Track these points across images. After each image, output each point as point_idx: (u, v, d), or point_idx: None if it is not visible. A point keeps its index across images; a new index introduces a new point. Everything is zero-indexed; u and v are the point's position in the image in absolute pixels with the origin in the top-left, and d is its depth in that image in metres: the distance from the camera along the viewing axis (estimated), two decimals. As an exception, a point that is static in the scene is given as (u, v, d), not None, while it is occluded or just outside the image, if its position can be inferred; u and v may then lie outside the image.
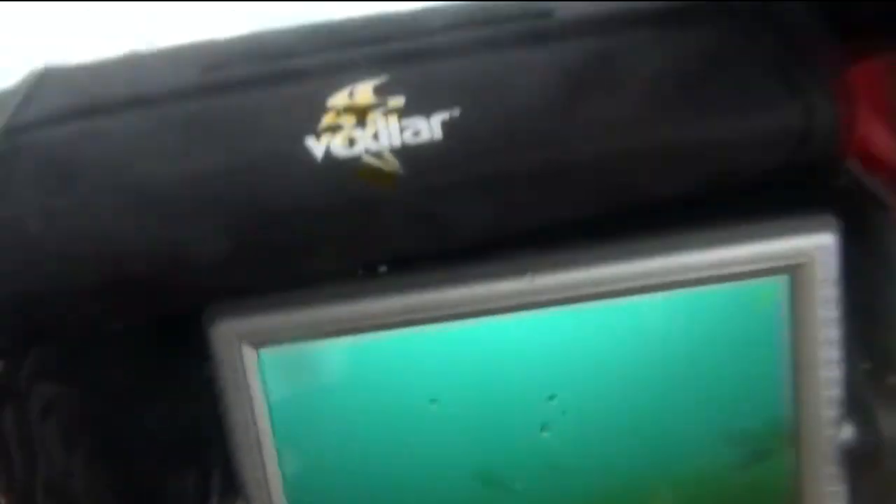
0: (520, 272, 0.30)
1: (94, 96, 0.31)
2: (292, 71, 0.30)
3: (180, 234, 0.27)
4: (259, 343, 0.31)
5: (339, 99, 0.28)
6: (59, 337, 0.31)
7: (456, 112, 0.27)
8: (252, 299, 0.31)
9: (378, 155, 0.27)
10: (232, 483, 0.32)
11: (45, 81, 0.33)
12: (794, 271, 0.30)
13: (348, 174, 0.27)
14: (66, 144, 0.29)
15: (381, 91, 0.28)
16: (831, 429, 0.31)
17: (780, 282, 0.30)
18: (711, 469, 0.32)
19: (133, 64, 0.33)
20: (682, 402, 0.31)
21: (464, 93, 0.28)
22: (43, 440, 0.32)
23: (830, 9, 0.30)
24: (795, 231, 0.30)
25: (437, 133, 0.27)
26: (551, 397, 0.31)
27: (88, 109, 0.30)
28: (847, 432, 0.31)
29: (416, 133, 0.27)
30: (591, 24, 0.31)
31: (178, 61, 0.32)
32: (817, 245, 0.30)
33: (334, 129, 0.28)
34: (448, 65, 0.29)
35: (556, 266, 0.30)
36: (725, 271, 0.30)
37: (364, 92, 0.28)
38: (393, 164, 0.27)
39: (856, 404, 0.31)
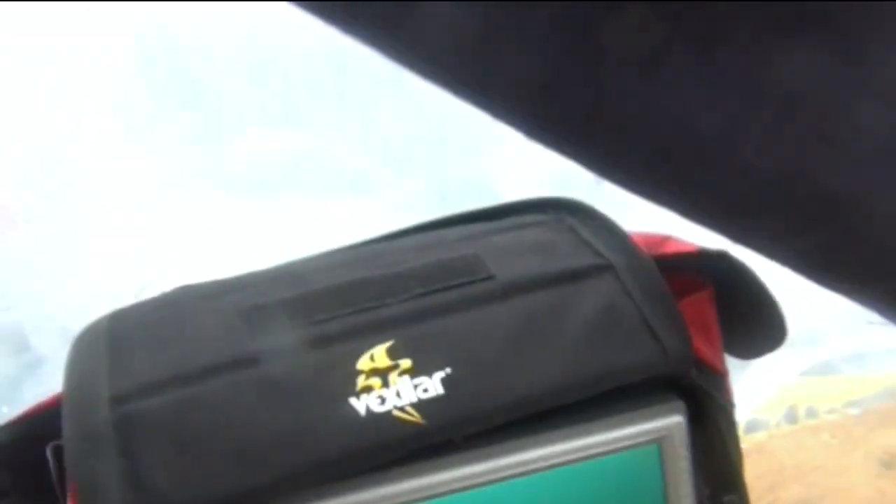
0: (453, 464, 0.41)
1: (174, 367, 0.41)
2: (324, 337, 0.42)
3: (266, 480, 0.39)
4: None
5: (364, 363, 0.41)
6: None
7: (448, 370, 0.41)
8: None
9: (403, 409, 0.40)
10: None
11: (118, 341, 0.43)
12: (661, 441, 0.46)
13: (385, 425, 0.40)
14: (168, 414, 0.39)
15: (392, 354, 0.42)
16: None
17: (654, 448, 0.46)
18: None
19: (184, 320, 0.44)
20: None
21: (450, 353, 0.42)
22: None
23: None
24: (660, 415, 0.46)
25: (440, 388, 0.41)
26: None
27: (180, 379, 0.41)
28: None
29: (426, 390, 0.41)
30: (523, 284, 0.45)
31: (223, 318, 0.44)
32: (675, 422, 0.46)
33: (368, 389, 0.40)
34: (434, 327, 0.43)
35: (482, 457, 0.42)
36: (618, 445, 0.45)
37: (381, 355, 0.41)
38: (416, 416, 0.40)
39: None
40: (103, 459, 0.38)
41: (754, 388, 0.80)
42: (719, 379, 0.47)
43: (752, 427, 0.81)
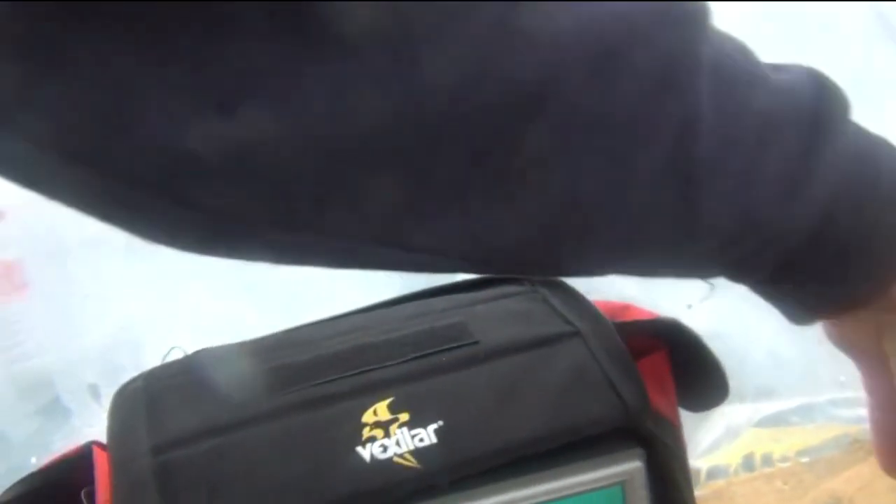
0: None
1: (207, 421, 0.48)
2: (333, 394, 0.49)
3: None
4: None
5: (368, 416, 0.48)
6: None
7: (441, 422, 0.48)
8: None
9: (402, 456, 0.47)
10: None
11: (154, 399, 0.50)
12: (623, 484, 0.53)
13: (388, 470, 0.46)
14: (201, 462, 0.46)
15: (392, 409, 0.49)
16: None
17: (618, 489, 0.53)
18: None
19: (213, 379, 0.51)
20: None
21: (442, 408, 0.49)
22: None
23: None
24: (622, 461, 0.53)
25: (434, 437, 0.48)
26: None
27: (210, 432, 0.47)
28: None
29: (422, 440, 0.47)
30: (502, 349, 0.53)
31: (247, 379, 0.51)
32: (635, 467, 0.53)
33: (372, 440, 0.47)
34: (427, 385, 0.50)
35: (468, 498, 0.49)
36: (585, 487, 0.52)
37: (383, 410, 0.48)
38: (413, 461, 0.47)
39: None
40: (146, 501, 0.44)
41: (714, 438, 0.88)
42: (674, 430, 0.55)
43: (713, 474, 0.88)
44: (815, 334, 0.47)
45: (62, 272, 0.99)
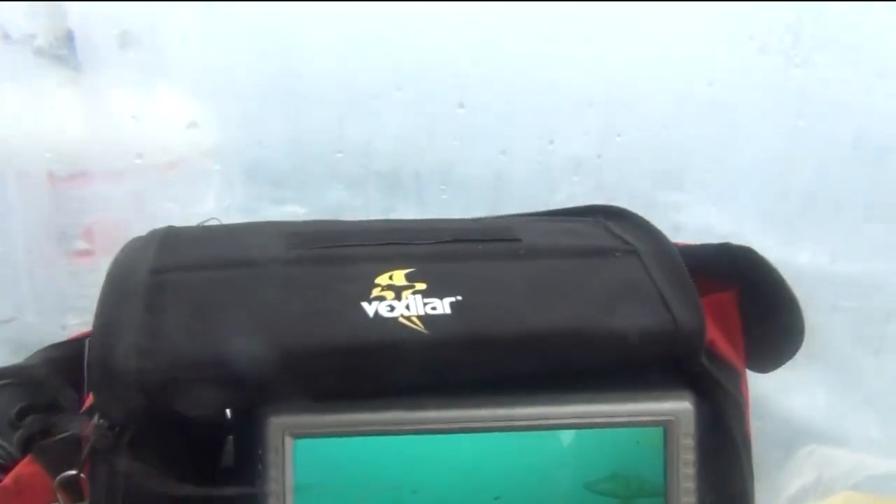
0: (488, 406, 0.44)
1: (212, 255, 0.45)
2: (351, 256, 0.45)
3: (273, 352, 0.41)
4: (297, 434, 0.43)
5: (382, 279, 0.44)
6: (160, 418, 0.43)
7: (460, 297, 0.43)
8: (296, 402, 0.44)
9: (409, 318, 0.42)
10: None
11: (170, 238, 0.47)
12: (667, 425, 0.45)
13: (389, 327, 0.42)
14: (198, 286, 0.43)
15: (410, 277, 0.44)
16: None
17: (658, 431, 0.45)
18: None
19: (235, 232, 0.48)
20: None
21: (464, 286, 0.44)
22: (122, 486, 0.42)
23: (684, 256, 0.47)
24: (667, 399, 0.45)
25: (448, 309, 0.42)
26: (497, 498, 0.45)
27: (211, 264, 0.44)
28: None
29: (434, 308, 0.42)
30: (547, 251, 0.47)
31: (267, 236, 0.48)
32: (681, 409, 0.45)
33: (380, 298, 0.43)
34: (455, 266, 0.45)
35: (510, 404, 0.44)
36: (625, 419, 0.45)
37: (399, 277, 0.44)
38: (420, 325, 0.42)
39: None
40: (128, 311, 0.41)
41: (802, 487, 0.75)
42: (736, 376, 0.47)
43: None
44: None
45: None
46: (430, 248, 0.47)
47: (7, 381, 0.53)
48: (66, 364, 0.52)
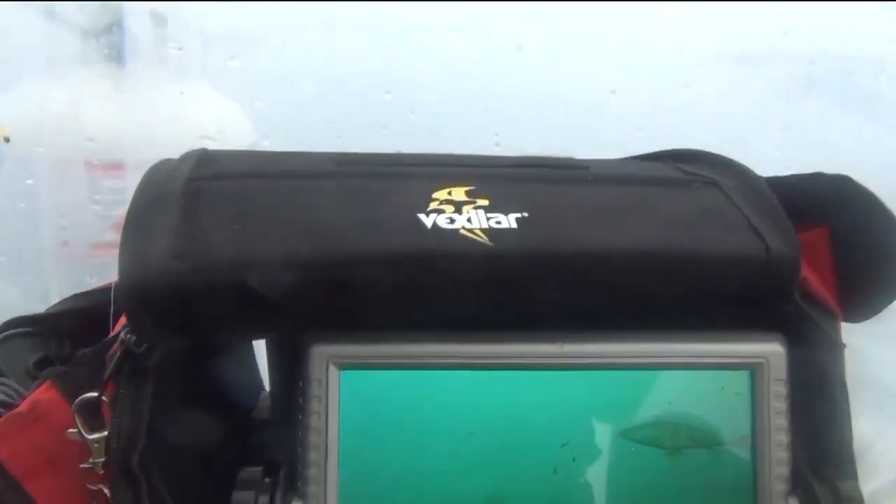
0: (553, 340, 0.40)
1: (255, 168, 0.41)
2: (405, 173, 0.41)
3: (319, 254, 0.37)
4: (343, 365, 0.39)
5: (441, 194, 0.40)
6: (195, 334, 0.39)
7: (526, 214, 0.39)
8: (342, 331, 0.40)
9: (471, 231, 0.38)
10: (294, 482, 0.39)
11: (205, 159, 0.44)
12: (755, 368, 0.40)
13: (449, 237, 0.37)
14: (238, 192, 0.39)
15: (471, 194, 0.40)
16: (781, 501, 0.39)
17: (745, 375, 0.40)
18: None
19: (278, 154, 0.45)
20: (667, 458, 0.40)
21: (532, 204, 0.39)
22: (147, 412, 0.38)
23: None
24: (756, 340, 0.40)
25: (514, 224, 0.38)
26: (564, 444, 0.40)
27: (253, 174, 0.40)
28: (793, 505, 0.39)
29: (499, 222, 0.38)
30: (616, 178, 0.43)
31: (314, 157, 0.44)
32: (771, 351, 0.40)
33: (438, 211, 0.38)
34: (519, 186, 0.41)
35: (580, 339, 0.40)
36: (708, 360, 0.40)
37: (459, 192, 0.40)
38: (483, 237, 0.37)
39: (800, 482, 0.40)
40: (163, 215, 0.38)
41: (874, 490, 0.68)
42: (832, 317, 0.41)
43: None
44: None
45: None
46: (491, 170, 0.43)
47: (27, 329, 0.50)
48: (89, 314, 0.48)
